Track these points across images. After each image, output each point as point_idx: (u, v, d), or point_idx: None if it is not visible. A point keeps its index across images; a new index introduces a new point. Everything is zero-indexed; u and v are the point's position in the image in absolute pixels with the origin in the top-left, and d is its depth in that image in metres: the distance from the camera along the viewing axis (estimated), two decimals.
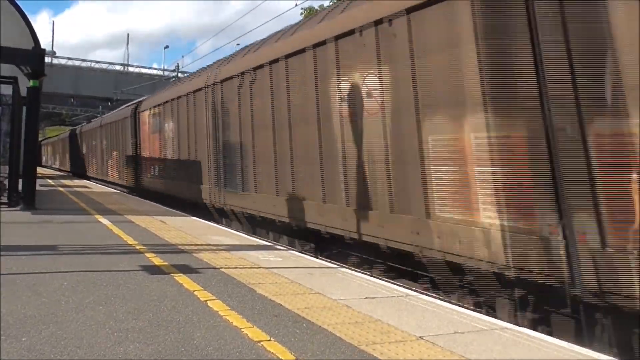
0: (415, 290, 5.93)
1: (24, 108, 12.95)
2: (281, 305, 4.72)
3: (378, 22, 6.95)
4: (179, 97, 15.12)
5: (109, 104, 41.43)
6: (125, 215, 11.69)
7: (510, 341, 3.98)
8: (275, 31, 11.16)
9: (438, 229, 5.95)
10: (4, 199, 12.62)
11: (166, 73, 46.42)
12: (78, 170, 34.31)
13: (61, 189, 20.92)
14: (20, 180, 12.76)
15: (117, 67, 46.69)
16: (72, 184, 25.11)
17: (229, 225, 11.77)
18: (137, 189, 20.30)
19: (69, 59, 44.24)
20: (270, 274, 6.06)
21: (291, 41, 9.33)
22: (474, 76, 5.45)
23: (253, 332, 3.93)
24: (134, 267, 6.15)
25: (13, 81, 12.46)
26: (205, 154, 13.25)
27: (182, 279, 5.60)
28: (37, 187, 13.97)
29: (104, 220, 10.64)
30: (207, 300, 4.77)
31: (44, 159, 55.93)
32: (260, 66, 10.21)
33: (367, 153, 7.24)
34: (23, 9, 14.02)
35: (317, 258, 7.92)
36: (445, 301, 5.55)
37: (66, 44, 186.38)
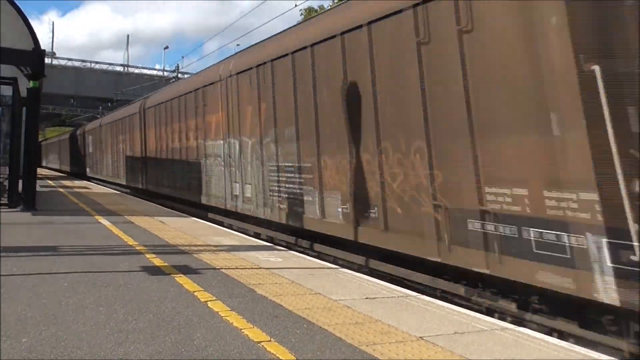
0: (415, 291, 5.93)
1: (24, 109, 12.96)
2: (281, 305, 4.72)
3: None
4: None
5: (109, 104, 41.41)
6: (125, 216, 11.69)
7: (511, 341, 3.98)
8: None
9: None
10: (4, 200, 12.63)
11: (166, 74, 46.40)
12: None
13: (61, 189, 20.93)
14: (21, 181, 12.77)
15: (118, 68, 46.72)
16: (72, 184, 25.11)
17: None
18: None
19: (69, 59, 44.26)
20: (271, 275, 6.06)
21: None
22: None
23: (253, 333, 3.93)
24: (134, 267, 6.15)
25: (13, 82, 12.47)
26: None
27: (182, 279, 5.60)
28: (37, 188, 13.98)
29: (104, 220, 10.64)
30: (207, 301, 4.77)
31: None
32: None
33: None
34: (27, 9, 14.09)
35: (318, 259, 7.92)
36: (446, 301, 5.55)
37: (72, 44, 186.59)
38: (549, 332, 4.89)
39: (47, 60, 20.80)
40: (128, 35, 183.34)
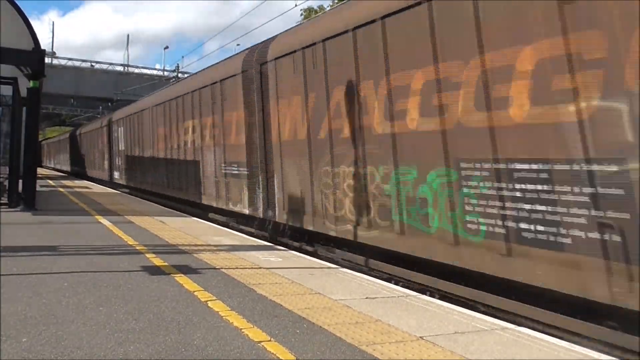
0: (415, 290, 5.93)
1: (24, 109, 12.97)
2: (281, 305, 4.72)
3: None
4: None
5: (109, 104, 41.42)
6: (126, 216, 11.69)
7: (511, 341, 3.98)
8: None
9: None
10: (4, 200, 12.64)
11: (166, 73, 46.40)
12: None
13: (61, 189, 20.93)
14: (21, 181, 12.78)
15: (118, 68, 46.72)
16: (73, 184, 25.11)
17: None
18: None
19: (69, 59, 44.25)
20: (271, 275, 6.06)
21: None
22: None
23: (253, 333, 3.93)
24: (134, 267, 6.15)
25: (13, 82, 12.47)
26: None
27: (182, 279, 5.60)
28: (37, 188, 13.98)
29: (104, 220, 10.64)
30: (207, 301, 4.77)
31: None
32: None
33: None
34: (27, 9, 14.12)
35: (318, 258, 7.91)
36: (446, 301, 5.55)
37: (72, 44, 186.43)
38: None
39: (47, 60, 20.83)
40: (128, 35, 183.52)
